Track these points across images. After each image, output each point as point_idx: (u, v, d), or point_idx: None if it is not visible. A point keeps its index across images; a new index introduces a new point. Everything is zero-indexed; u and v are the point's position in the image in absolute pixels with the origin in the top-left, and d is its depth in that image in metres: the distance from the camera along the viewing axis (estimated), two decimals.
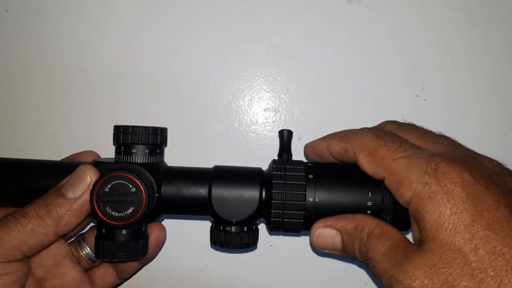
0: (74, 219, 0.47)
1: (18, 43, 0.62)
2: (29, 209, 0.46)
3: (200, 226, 0.61)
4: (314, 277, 0.64)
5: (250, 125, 0.63)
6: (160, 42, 0.62)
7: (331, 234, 0.47)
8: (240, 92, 0.63)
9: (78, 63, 0.62)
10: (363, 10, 0.62)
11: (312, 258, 0.63)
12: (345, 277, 0.64)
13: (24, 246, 0.46)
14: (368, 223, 0.45)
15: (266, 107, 0.63)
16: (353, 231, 0.45)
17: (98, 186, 0.45)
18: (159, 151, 0.51)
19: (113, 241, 0.48)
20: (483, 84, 0.63)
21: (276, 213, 0.48)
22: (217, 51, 0.62)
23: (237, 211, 0.49)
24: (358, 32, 0.62)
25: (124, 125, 0.49)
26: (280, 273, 0.63)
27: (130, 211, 0.46)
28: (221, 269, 0.63)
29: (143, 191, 0.46)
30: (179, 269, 0.63)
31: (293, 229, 0.50)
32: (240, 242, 0.50)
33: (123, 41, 0.62)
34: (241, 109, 0.63)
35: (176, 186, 0.50)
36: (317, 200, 0.48)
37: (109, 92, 0.62)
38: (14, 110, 0.63)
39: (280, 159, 0.53)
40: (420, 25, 0.62)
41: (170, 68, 0.62)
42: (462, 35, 0.62)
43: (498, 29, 0.62)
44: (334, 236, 0.47)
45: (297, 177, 0.49)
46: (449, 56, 0.62)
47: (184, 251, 0.63)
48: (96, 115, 0.62)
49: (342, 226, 0.46)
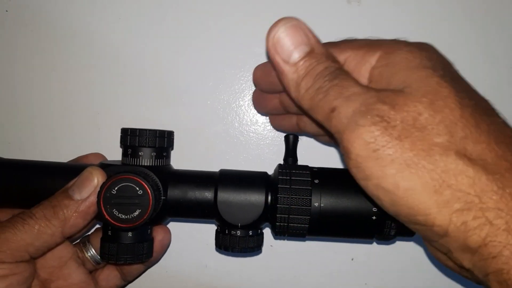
0: (81, 221, 0.47)
1: (19, 43, 0.62)
2: (36, 210, 0.46)
3: (200, 227, 0.61)
4: (314, 277, 0.63)
5: (250, 125, 0.63)
6: (160, 43, 0.61)
7: (301, 39, 0.39)
8: (240, 92, 0.62)
9: (80, 63, 0.62)
10: (363, 10, 0.62)
11: (312, 258, 0.63)
12: (345, 277, 0.63)
13: (31, 247, 0.45)
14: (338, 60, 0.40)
15: None
16: (323, 55, 0.39)
17: (105, 188, 0.45)
18: (165, 154, 0.51)
19: (118, 243, 0.48)
20: (483, 84, 0.62)
21: (282, 217, 0.48)
22: (217, 51, 0.62)
23: (242, 215, 0.49)
24: (358, 32, 0.61)
25: (132, 128, 0.49)
26: (280, 273, 0.63)
27: (136, 214, 0.46)
28: (221, 269, 0.63)
29: (150, 193, 0.46)
30: (179, 269, 0.63)
31: (298, 234, 0.49)
32: (245, 246, 0.50)
33: (123, 42, 0.62)
34: (241, 109, 0.63)
35: (182, 189, 0.50)
36: (322, 205, 0.48)
37: (109, 92, 0.62)
38: (15, 110, 0.63)
39: (285, 163, 0.53)
40: (419, 25, 0.62)
41: (170, 68, 0.62)
42: (461, 35, 0.62)
43: (498, 29, 0.62)
44: (301, 44, 0.39)
45: (303, 182, 0.49)
46: (450, 56, 0.61)
47: (185, 251, 0.63)
48: (98, 116, 0.62)
49: (317, 43, 0.39)
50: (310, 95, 0.37)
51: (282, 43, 0.38)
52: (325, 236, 0.52)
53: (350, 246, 0.62)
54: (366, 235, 0.50)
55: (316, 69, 0.37)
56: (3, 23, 0.62)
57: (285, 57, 0.38)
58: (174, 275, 0.63)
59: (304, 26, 0.39)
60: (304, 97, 0.38)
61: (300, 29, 0.38)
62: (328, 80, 0.36)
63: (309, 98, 0.37)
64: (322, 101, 0.36)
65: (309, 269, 0.63)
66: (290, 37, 0.38)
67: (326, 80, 0.36)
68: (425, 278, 0.63)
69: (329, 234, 0.51)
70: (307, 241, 0.63)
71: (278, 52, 0.38)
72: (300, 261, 0.63)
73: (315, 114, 0.38)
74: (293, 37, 0.38)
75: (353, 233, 0.51)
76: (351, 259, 0.63)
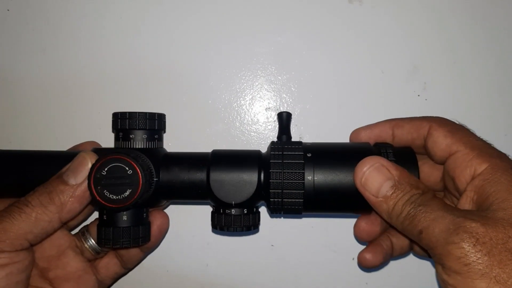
0: (77, 205, 0.46)
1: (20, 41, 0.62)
2: (32, 198, 0.45)
3: (201, 226, 0.59)
4: (314, 277, 0.61)
5: (251, 124, 0.61)
6: (161, 42, 0.61)
7: (386, 175, 0.42)
8: (241, 92, 0.61)
9: (80, 63, 0.62)
10: (364, 10, 0.61)
11: (312, 258, 0.60)
12: (345, 277, 0.61)
13: (30, 235, 0.45)
14: (421, 185, 0.41)
15: (267, 106, 0.61)
16: (407, 184, 0.41)
17: (95, 169, 0.44)
18: (157, 136, 0.49)
19: (114, 227, 0.47)
20: (485, 84, 0.60)
21: (275, 193, 0.46)
22: (218, 50, 0.61)
23: (236, 193, 0.47)
24: (359, 31, 0.61)
25: (122, 112, 0.48)
26: (280, 273, 0.61)
27: (127, 194, 0.44)
28: (221, 269, 0.61)
29: (140, 173, 0.44)
30: (180, 269, 0.61)
31: (294, 210, 0.47)
32: (240, 224, 0.47)
33: (125, 42, 0.61)
34: (242, 108, 0.61)
35: (175, 170, 0.48)
36: (316, 179, 0.46)
37: (110, 92, 0.61)
38: (15, 108, 0.62)
39: (279, 140, 0.51)
40: (422, 25, 0.61)
41: (171, 67, 0.61)
42: (464, 35, 0.60)
43: (500, 28, 0.60)
44: (387, 179, 0.42)
45: (295, 156, 0.46)
46: (451, 55, 0.60)
47: (185, 250, 0.61)
48: (99, 116, 0.61)
49: (400, 175, 0.42)
50: (400, 221, 0.40)
51: (370, 182, 0.42)
52: (322, 211, 0.49)
53: (350, 246, 0.59)
54: (363, 209, 0.47)
55: (403, 199, 0.40)
56: (4, 21, 0.62)
57: (374, 193, 0.42)
58: (175, 274, 0.61)
59: (386, 162, 0.43)
60: (396, 224, 0.41)
61: (382, 167, 0.42)
62: (413, 208, 0.39)
63: (400, 224, 0.40)
64: (410, 226, 0.39)
65: (309, 269, 0.61)
66: (376, 175, 0.42)
67: (412, 207, 0.39)
68: (425, 278, 0.60)
69: (325, 209, 0.48)
70: (308, 241, 0.60)
71: (366, 189, 0.42)
72: (300, 261, 0.61)
73: (408, 236, 0.40)
74: (378, 175, 0.42)
75: (350, 207, 0.48)
76: (351, 259, 0.60)
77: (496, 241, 0.34)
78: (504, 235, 0.34)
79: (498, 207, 0.37)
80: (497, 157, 0.41)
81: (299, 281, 0.60)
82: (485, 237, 0.34)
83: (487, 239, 0.34)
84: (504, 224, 0.35)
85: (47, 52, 0.62)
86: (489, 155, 0.41)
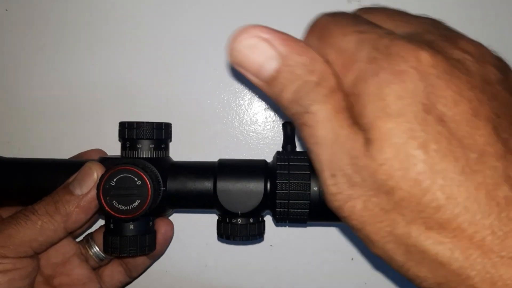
0: (83, 215, 0.45)
1: (19, 42, 0.60)
2: (39, 206, 0.45)
3: (201, 226, 0.59)
4: (314, 277, 0.60)
5: (250, 124, 0.60)
6: (160, 42, 0.60)
7: (267, 54, 0.29)
8: (240, 92, 0.60)
9: (81, 62, 0.60)
10: None
11: (312, 258, 0.60)
12: (345, 277, 0.60)
13: (34, 243, 0.44)
14: (323, 68, 0.29)
15: (266, 106, 0.60)
16: (300, 67, 0.29)
17: (104, 180, 0.43)
18: (164, 146, 0.49)
19: (121, 236, 0.46)
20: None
21: (281, 203, 0.46)
22: (217, 50, 0.59)
23: (242, 203, 0.47)
24: None
25: (129, 121, 0.47)
26: (280, 273, 0.60)
27: (136, 204, 0.43)
28: (221, 269, 0.60)
29: (149, 183, 0.43)
30: (179, 269, 0.60)
31: (299, 220, 0.47)
32: (246, 234, 0.47)
33: (125, 41, 0.60)
34: (241, 108, 0.60)
35: (182, 180, 0.47)
36: (321, 190, 0.45)
37: (110, 92, 0.60)
38: (15, 109, 0.60)
39: (284, 150, 0.51)
40: None
41: (170, 67, 0.59)
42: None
43: (499, 29, 0.60)
44: (269, 58, 0.29)
45: (301, 167, 0.46)
46: None
47: (185, 250, 0.60)
48: (99, 116, 0.60)
49: (288, 52, 0.29)
50: (289, 115, 0.31)
51: (245, 63, 0.31)
52: (327, 221, 0.49)
53: (350, 246, 0.60)
54: None
55: (290, 88, 0.30)
56: (2, 22, 0.60)
57: (254, 73, 0.30)
58: (174, 275, 0.60)
59: (268, 34, 0.30)
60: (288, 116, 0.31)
61: (263, 42, 0.30)
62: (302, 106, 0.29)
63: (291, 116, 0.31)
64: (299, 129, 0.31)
65: (309, 269, 0.60)
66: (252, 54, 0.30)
67: (300, 104, 0.29)
68: None
69: (330, 219, 0.48)
70: (307, 241, 0.60)
71: (245, 69, 0.31)
72: (300, 261, 0.60)
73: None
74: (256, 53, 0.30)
75: None
76: (351, 259, 0.60)
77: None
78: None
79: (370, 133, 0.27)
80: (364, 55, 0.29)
81: (298, 281, 0.60)
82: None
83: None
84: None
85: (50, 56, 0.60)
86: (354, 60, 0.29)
